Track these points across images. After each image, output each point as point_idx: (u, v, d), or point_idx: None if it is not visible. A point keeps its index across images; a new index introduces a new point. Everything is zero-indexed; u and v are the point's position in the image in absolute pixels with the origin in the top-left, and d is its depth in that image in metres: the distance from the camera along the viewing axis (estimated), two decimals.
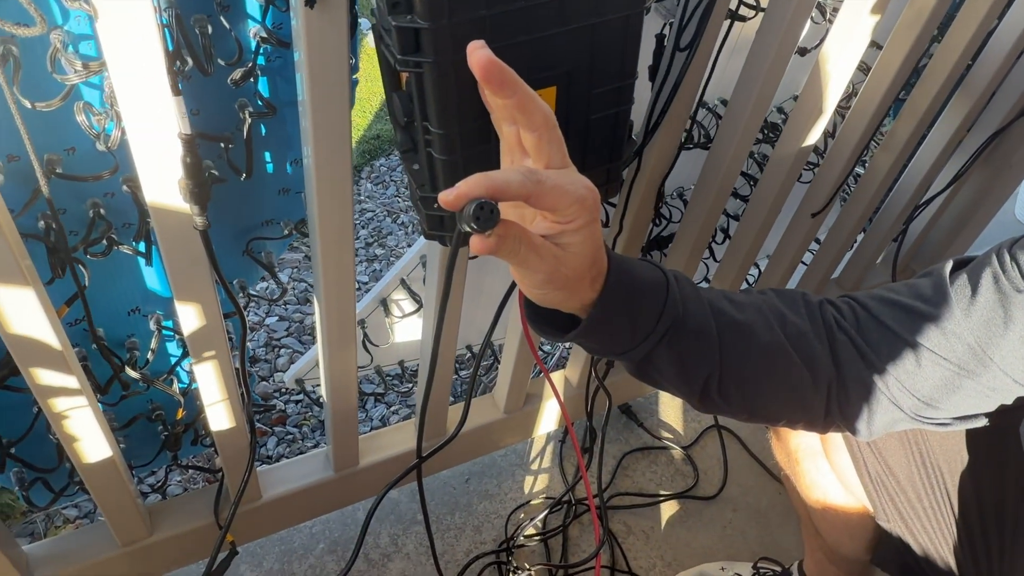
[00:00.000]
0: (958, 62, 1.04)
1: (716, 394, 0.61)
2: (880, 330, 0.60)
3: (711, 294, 0.62)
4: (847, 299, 0.64)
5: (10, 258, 0.55)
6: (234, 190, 0.72)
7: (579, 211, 0.45)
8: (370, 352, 1.06)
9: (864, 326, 0.61)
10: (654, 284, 0.58)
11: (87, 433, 0.72)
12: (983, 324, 0.54)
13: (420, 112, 0.51)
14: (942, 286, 0.57)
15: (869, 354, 0.60)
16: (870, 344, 0.60)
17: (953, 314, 0.56)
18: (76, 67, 0.54)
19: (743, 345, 0.60)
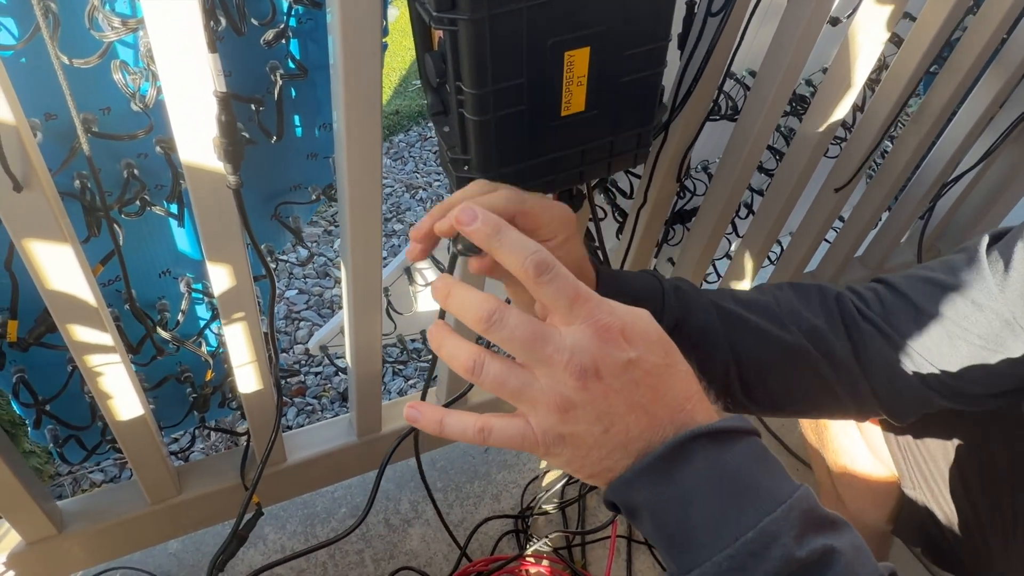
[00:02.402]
0: (993, 35, 1.02)
1: (741, 394, 0.61)
2: (908, 310, 0.59)
3: (716, 295, 0.62)
4: (874, 284, 0.64)
5: (50, 215, 0.56)
6: (263, 153, 0.72)
7: (559, 228, 0.51)
8: (393, 320, 1.07)
9: (891, 309, 0.60)
10: (648, 289, 0.59)
11: (120, 390, 0.74)
12: (1019, 296, 0.54)
13: (454, 72, 0.51)
14: (977, 260, 0.57)
15: (896, 338, 0.59)
16: (897, 328, 0.60)
17: (987, 287, 0.55)
18: (114, 24, 0.54)
19: (755, 342, 0.60)
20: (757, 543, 0.36)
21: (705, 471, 0.38)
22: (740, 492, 0.38)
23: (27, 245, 0.57)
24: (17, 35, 0.55)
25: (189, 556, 1.05)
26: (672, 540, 0.39)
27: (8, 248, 0.65)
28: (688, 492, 0.38)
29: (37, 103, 0.59)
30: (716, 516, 0.38)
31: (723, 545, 0.37)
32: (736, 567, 0.36)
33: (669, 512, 0.39)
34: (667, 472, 0.39)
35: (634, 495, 0.40)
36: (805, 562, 0.36)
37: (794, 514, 0.37)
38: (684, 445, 0.38)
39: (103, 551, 0.93)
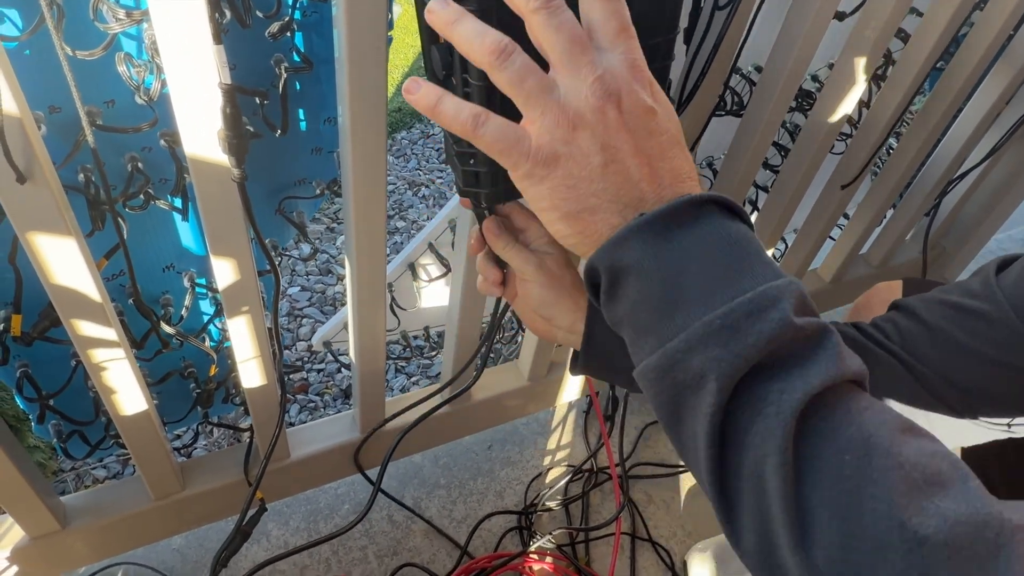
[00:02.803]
0: (1000, 31, 1.01)
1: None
2: (923, 332, 0.62)
3: None
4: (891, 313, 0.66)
5: (54, 208, 0.56)
6: (268, 147, 0.72)
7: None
8: (397, 316, 1.07)
9: (907, 335, 0.62)
10: None
11: (124, 385, 0.73)
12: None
13: (460, 64, 0.51)
14: (988, 281, 0.59)
15: (912, 362, 0.61)
16: (914, 352, 0.62)
17: (1001, 307, 0.57)
18: (118, 16, 0.54)
19: None
20: (755, 304, 0.34)
21: (708, 236, 0.36)
22: (741, 259, 0.36)
23: (31, 239, 0.57)
24: (21, 27, 0.55)
25: (193, 552, 1.05)
26: (658, 305, 0.36)
27: (12, 242, 0.65)
28: (687, 252, 0.36)
29: (41, 96, 0.59)
30: (714, 277, 0.35)
31: (718, 303, 0.34)
32: (729, 326, 0.34)
33: (662, 272, 0.36)
34: (667, 231, 0.36)
35: (625, 254, 0.37)
36: (802, 330, 0.34)
37: (794, 287, 0.35)
38: (693, 205, 0.36)
39: (106, 547, 0.93)
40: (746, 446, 0.34)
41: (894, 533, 0.30)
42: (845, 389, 0.35)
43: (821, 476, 0.33)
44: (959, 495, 0.31)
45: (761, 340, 0.33)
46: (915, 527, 0.30)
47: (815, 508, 0.32)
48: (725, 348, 0.34)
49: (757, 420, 0.34)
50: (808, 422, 0.33)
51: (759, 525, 0.34)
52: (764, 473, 0.33)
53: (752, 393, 0.34)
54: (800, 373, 0.34)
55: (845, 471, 0.32)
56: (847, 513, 0.32)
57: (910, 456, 0.32)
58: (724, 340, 0.34)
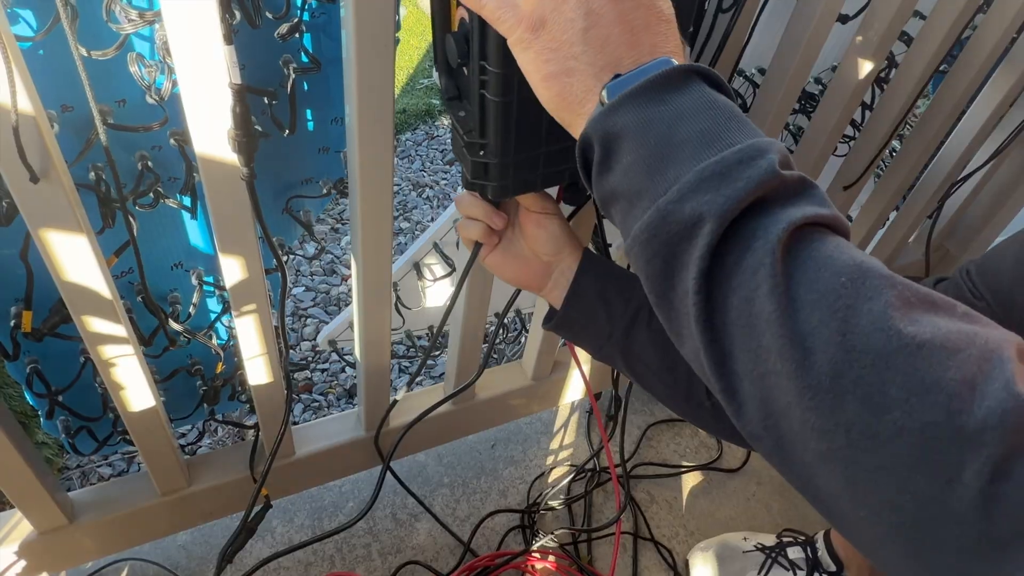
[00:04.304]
0: (1004, 34, 1.01)
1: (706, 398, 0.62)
2: None
3: None
4: None
5: (66, 206, 0.57)
6: (276, 146, 0.73)
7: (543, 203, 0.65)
8: (402, 315, 1.08)
9: None
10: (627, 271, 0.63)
11: (132, 382, 0.74)
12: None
13: (479, 50, 0.50)
14: None
15: None
16: None
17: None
18: (131, 16, 0.55)
19: None
20: (745, 153, 0.36)
21: (699, 100, 0.38)
22: (729, 120, 0.38)
23: (44, 236, 0.58)
24: (35, 27, 0.56)
25: (198, 548, 1.06)
26: (653, 163, 0.38)
27: (24, 239, 0.66)
28: (679, 113, 0.38)
29: (54, 95, 0.60)
30: (706, 132, 0.37)
31: (710, 155, 0.36)
32: (719, 172, 0.35)
33: (656, 131, 0.38)
34: (660, 96, 0.38)
35: (620, 119, 0.39)
36: (787, 180, 0.36)
37: (779, 145, 0.37)
38: (683, 74, 0.39)
39: (113, 542, 0.94)
40: (737, 282, 0.35)
41: (893, 341, 0.31)
42: (835, 227, 0.36)
43: (816, 298, 0.33)
44: (949, 316, 0.32)
45: (751, 184, 0.35)
46: (912, 334, 0.31)
47: (813, 329, 0.33)
48: (717, 192, 0.35)
49: (746, 255, 0.35)
50: (798, 247, 0.35)
51: (756, 366, 0.35)
52: (755, 303, 0.34)
53: (739, 233, 0.35)
54: (784, 208, 0.35)
55: (840, 291, 0.33)
56: (844, 328, 0.32)
57: (903, 280, 0.34)
58: (716, 184, 0.35)
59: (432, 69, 2.34)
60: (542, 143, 0.56)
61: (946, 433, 0.29)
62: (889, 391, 0.30)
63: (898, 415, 0.30)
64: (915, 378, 0.30)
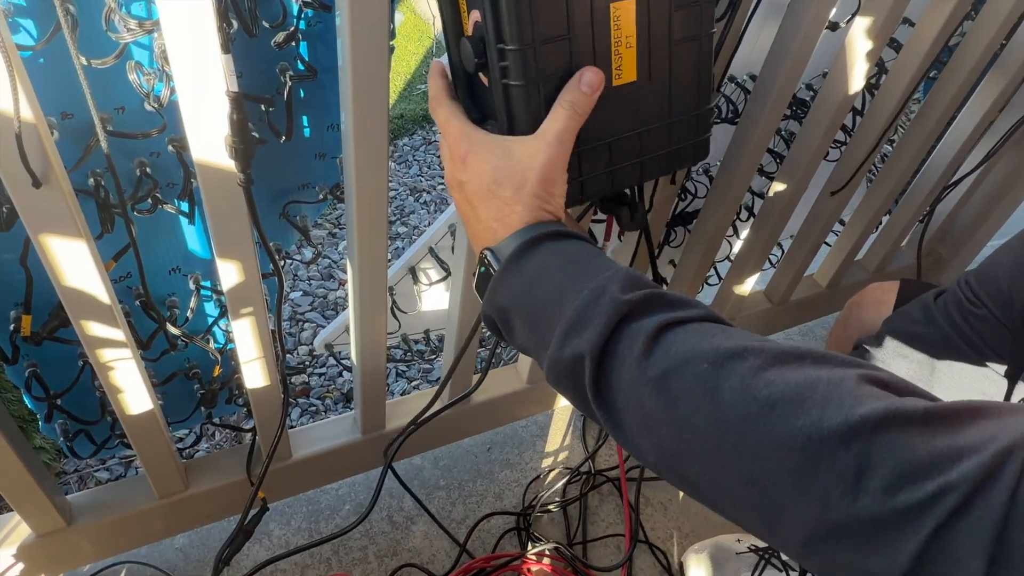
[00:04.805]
0: (992, 41, 1.03)
1: None
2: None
3: None
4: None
5: (66, 211, 0.58)
6: (273, 152, 0.74)
7: None
8: (398, 319, 1.09)
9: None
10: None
11: (130, 385, 0.75)
12: None
13: (495, 33, 0.49)
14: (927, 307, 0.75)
15: None
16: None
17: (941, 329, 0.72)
18: (130, 25, 0.56)
19: None
20: (590, 297, 0.44)
21: (546, 259, 0.48)
22: (575, 268, 0.47)
23: (44, 241, 0.59)
24: (36, 36, 0.57)
25: (195, 551, 1.07)
26: (534, 327, 0.48)
27: (24, 244, 0.67)
28: (534, 278, 0.48)
29: (54, 102, 0.61)
30: (559, 288, 0.47)
31: (567, 310, 0.45)
32: (578, 320, 0.44)
33: (526, 298, 0.48)
34: (519, 268, 0.49)
35: (499, 298, 0.50)
36: (632, 301, 0.43)
37: (620, 274, 0.45)
38: (530, 244, 0.49)
39: (111, 545, 0.95)
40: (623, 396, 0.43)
41: (752, 406, 0.38)
42: (690, 323, 0.43)
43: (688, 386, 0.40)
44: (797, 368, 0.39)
45: (603, 318, 0.43)
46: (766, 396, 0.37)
47: (693, 412, 0.40)
48: (581, 336, 0.44)
49: (623, 370, 0.42)
50: (661, 349, 0.42)
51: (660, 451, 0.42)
52: (644, 409, 0.41)
53: (612, 355, 0.43)
54: (639, 322, 0.43)
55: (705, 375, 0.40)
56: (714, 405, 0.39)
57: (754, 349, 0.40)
58: (579, 330, 0.44)
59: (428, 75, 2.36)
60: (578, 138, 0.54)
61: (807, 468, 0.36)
62: (762, 445, 0.37)
63: (772, 463, 0.37)
64: (775, 432, 0.37)
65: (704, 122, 0.60)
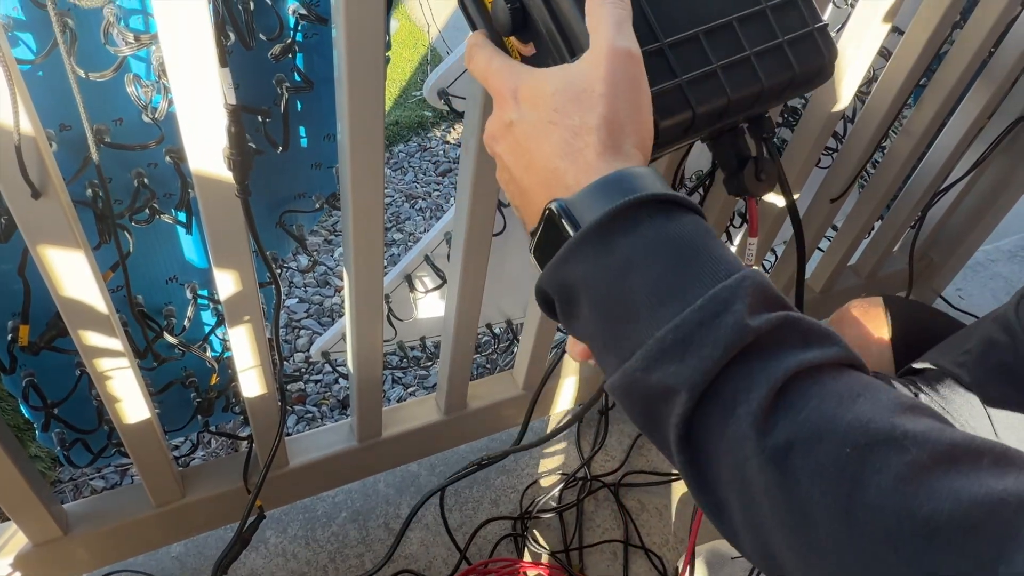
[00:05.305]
0: (980, 48, 1.04)
1: None
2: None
3: None
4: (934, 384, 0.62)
5: (64, 222, 0.58)
6: (269, 163, 0.74)
7: None
8: (394, 326, 1.09)
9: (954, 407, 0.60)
10: None
11: (127, 394, 0.75)
12: None
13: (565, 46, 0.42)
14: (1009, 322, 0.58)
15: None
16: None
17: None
18: (128, 39, 0.57)
19: None
20: (707, 311, 0.32)
21: (650, 237, 0.34)
22: (688, 259, 0.34)
23: (42, 251, 0.59)
24: (35, 50, 0.58)
25: (192, 559, 1.07)
26: (612, 319, 0.35)
27: (22, 254, 0.67)
28: (630, 258, 0.34)
29: (52, 114, 0.62)
30: (661, 283, 0.34)
31: (668, 316, 0.33)
32: (682, 340, 0.32)
33: (608, 284, 0.35)
34: (607, 242, 0.35)
35: (569, 272, 0.36)
36: (760, 332, 0.32)
37: (747, 284, 0.33)
38: (628, 210, 0.35)
39: (107, 553, 0.95)
40: (724, 450, 0.33)
41: (905, 524, 0.28)
42: (827, 373, 0.33)
43: (816, 468, 0.30)
44: (972, 473, 0.29)
45: (717, 350, 0.32)
46: (926, 515, 0.28)
47: (815, 502, 0.30)
48: (682, 363, 0.32)
49: (728, 423, 0.32)
50: (787, 412, 0.31)
51: (752, 528, 0.33)
52: (746, 472, 0.32)
53: (718, 398, 0.32)
54: (765, 364, 0.32)
55: (844, 462, 0.30)
56: (850, 504, 0.29)
57: (916, 436, 0.30)
58: (680, 355, 0.32)
59: (423, 82, 2.32)
60: (656, 30, 0.43)
61: None
62: (900, 571, 0.28)
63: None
64: (927, 567, 0.28)
65: (812, 7, 0.47)
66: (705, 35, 0.43)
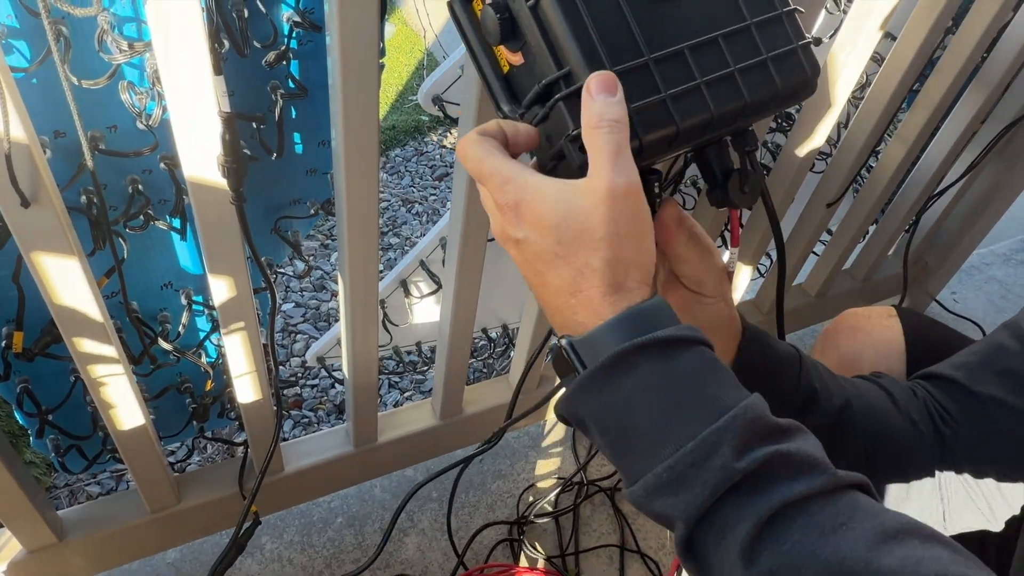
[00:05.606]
0: (972, 54, 1.05)
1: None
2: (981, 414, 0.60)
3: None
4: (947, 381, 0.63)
5: (58, 229, 0.59)
6: (264, 169, 0.75)
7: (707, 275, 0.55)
8: (389, 332, 1.10)
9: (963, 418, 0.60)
10: (788, 356, 0.58)
11: (122, 400, 0.75)
12: None
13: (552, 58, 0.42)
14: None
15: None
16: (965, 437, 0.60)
17: None
18: (122, 47, 0.57)
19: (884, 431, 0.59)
20: (697, 453, 0.36)
21: (649, 379, 0.38)
22: (683, 401, 0.38)
23: (36, 259, 0.59)
24: (29, 57, 0.58)
25: (187, 565, 1.06)
26: (618, 449, 0.39)
27: (16, 262, 0.67)
28: (630, 399, 0.38)
29: (47, 121, 0.62)
30: (658, 425, 0.38)
31: (665, 455, 0.37)
32: (676, 478, 0.36)
33: (612, 420, 0.39)
34: (610, 381, 0.39)
35: (578, 408, 0.40)
36: (747, 471, 0.36)
37: (738, 423, 0.37)
38: (627, 355, 0.38)
39: (103, 559, 0.95)
40: (716, 569, 0.37)
41: None
42: (814, 503, 0.36)
43: None
44: None
45: (707, 489, 0.36)
46: None
47: None
48: (676, 498, 0.37)
49: (721, 548, 0.36)
50: (770, 546, 0.35)
51: None
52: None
53: (711, 526, 0.37)
54: (750, 500, 0.36)
55: None
56: None
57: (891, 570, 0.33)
58: (674, 491, 0.37)
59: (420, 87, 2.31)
60: (641, 45, 0.43)
61: None
62: None
63: None
64: None
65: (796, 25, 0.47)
66: (690, 51, 0.44)
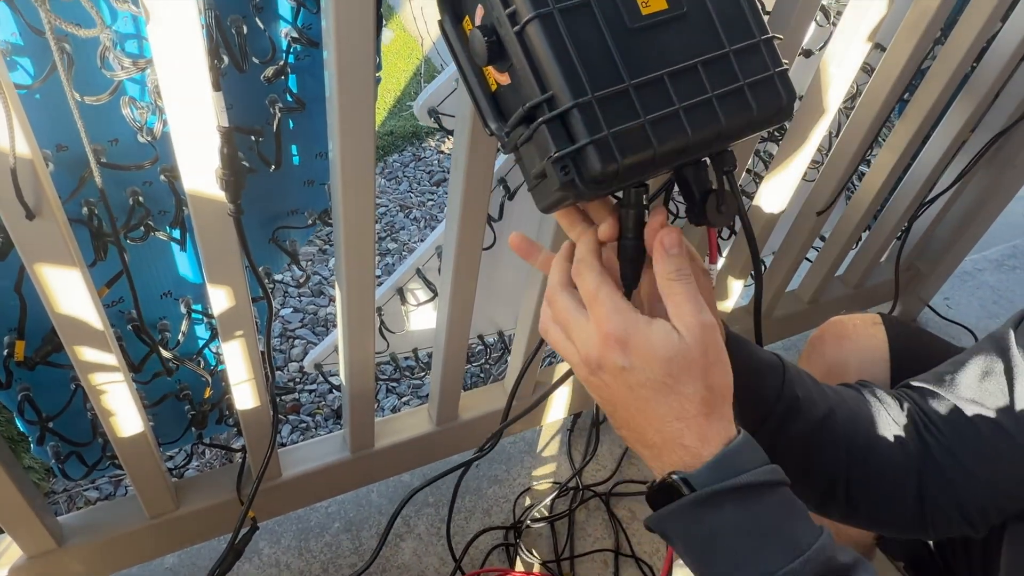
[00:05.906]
0: (961, 64, 1.06)
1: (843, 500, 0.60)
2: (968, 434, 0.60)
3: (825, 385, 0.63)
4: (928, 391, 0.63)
5: (60, 241, 0.60)
6: (263, 180, 0.76)
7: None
8: (386, 339, 1.11)
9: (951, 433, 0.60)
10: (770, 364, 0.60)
11: (122, 408, 0.76)
12: None
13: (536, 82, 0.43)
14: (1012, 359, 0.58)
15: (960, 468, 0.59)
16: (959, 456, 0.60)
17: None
18: (124, 64, 0.58)
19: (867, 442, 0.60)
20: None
21: (732, 519, 0.44)
22: (762, 541, 0.44)
23: (39, 270, 0.60)
24: (33, 74, 0.59)
25: (185, 570, 1.07)
26: (698, 567, 0.46)
27: (18, 272, 0.68)
28: (715, 535, 0.44)
29: (49, 135, 0.63)
30: (739, 560, 0.44)
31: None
32: None
33: (698, 548, 0.45)
34: (697, 516, 0.44)
35: (668, 528, 0.47)
36: None
37: (810, 567, 0.42)
38: (714, 497, 0.44)
39: (102, 565, 0.95)
40: None
41: None
42: None
43: None
44: None
45: None
46: None
47: None
48: None
49: None
50: None
51: None
52: None
53: None
54: None
55: None
56: None
57: None
58: None
59: (417, 93, 2.35)
60: (621, 71, 0.44)
61: None
62: None
63: None
64: None
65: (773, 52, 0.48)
66: (670, 77, 0.45)
